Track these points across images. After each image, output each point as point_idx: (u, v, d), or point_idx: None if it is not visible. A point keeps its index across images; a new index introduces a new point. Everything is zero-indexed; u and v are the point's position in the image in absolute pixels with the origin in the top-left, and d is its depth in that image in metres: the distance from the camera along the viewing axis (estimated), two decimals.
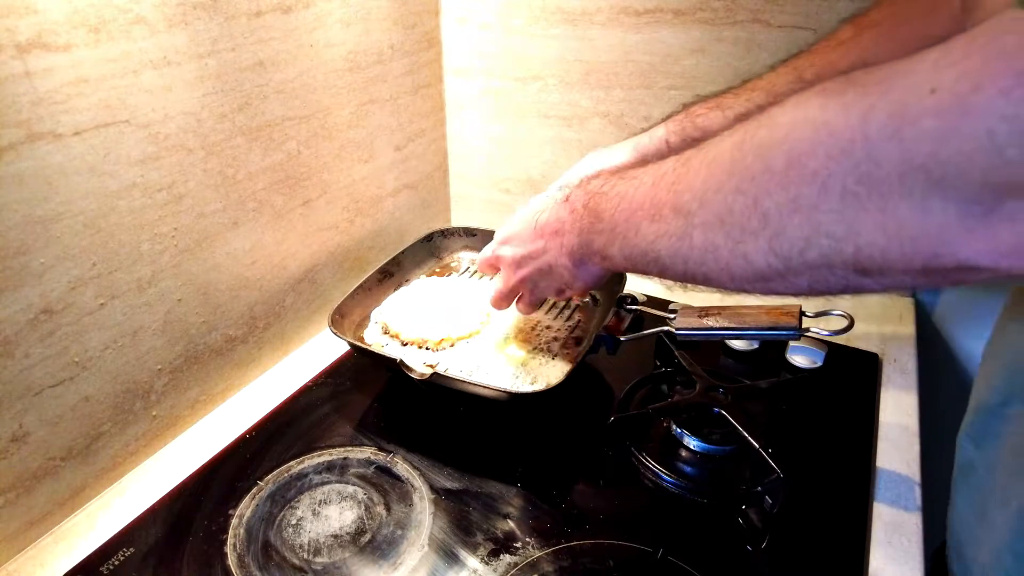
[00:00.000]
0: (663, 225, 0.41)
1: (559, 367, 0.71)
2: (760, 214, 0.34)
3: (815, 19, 0.77)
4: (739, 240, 0.36)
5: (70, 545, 0.59)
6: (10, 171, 0.51)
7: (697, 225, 0.39)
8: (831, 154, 0.31)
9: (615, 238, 0.47)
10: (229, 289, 0.73)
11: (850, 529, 0.58)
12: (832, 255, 0.32)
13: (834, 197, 0.31)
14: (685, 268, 0.41)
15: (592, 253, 0.52)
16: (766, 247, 0.35)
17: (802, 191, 0.32)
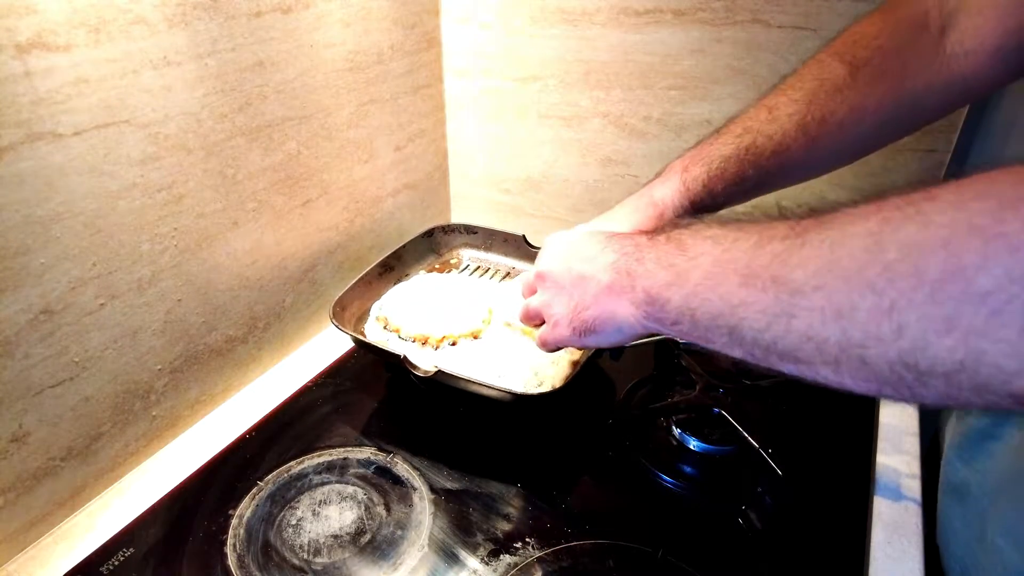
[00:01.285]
0: (757, 295, 0.35)
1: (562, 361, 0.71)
2: (895, 323, 0.29)
3: (815, 19, 0.77)
4: (860, 343, 0.30)
5: (70, 545, 0.59)
6: (10, 171, 0.51)
7: (804, 309, 0.33)
8: (1014, 277, 0.25)
9: (682, 284, 0.40)
10: (229, 289, 0.73)
11: (850, 529, 0.58)
12: (992, 384, 0.27)
13: (1012, 328, 0.25)
14: (771, 348, 0.35)
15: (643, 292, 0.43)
16: (895, 357, 0.29)
17: (963, 311, 0.26)
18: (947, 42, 0.52)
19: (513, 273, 0.90)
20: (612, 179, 0.97)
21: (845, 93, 0.55)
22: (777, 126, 0.58)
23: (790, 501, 0.59)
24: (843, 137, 0.57)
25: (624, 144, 0.94)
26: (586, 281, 0.48)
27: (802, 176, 0.63)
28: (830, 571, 0.55)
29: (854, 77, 0.55)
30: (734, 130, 0.60)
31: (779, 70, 0.81)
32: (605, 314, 0.47)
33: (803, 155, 0.58)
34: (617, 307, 0.46)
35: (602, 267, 0.47)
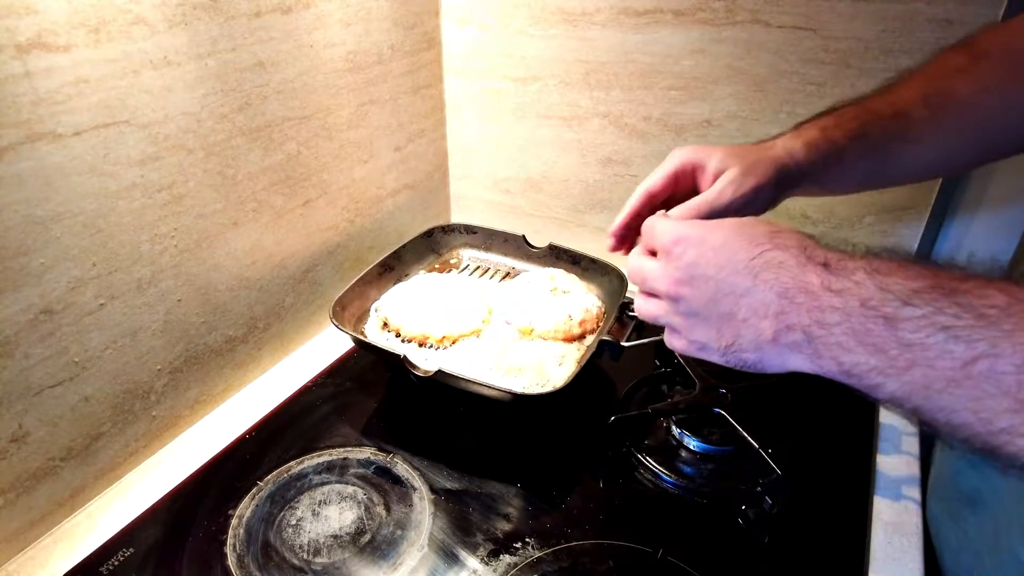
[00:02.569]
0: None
1: (568, 361, 0.71)
2: None
3: (815, 19, 0.77)
4: None
5: (70, 545, 0.59)
6: (10, 171, 0.51)
7: None
8: None
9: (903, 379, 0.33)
10: (229, 289, 0.73)
11: (850, 529, 0.58)
12: None
13: None
14: None
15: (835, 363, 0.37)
16: None
17: None
18: None
19: (513, 273, 0.90)
20: (612, 179, 0.97)
21: (967, 73, 0.52)
22: (895, 96, 0.55)
23: (790, 501, 0.59)
24: (968, 118, 0.53)
25: (624, 144, 0.94)
26: (739, 324, 0.41)
27: (928, 161, 0.57)
28: (830, 571, 0.55)
29: (974, 62, 0.53)
30: (847, 104, 0.56)
31: (779, 70, 0.81)
32: (771, 362, 0.41)
33: (928, 126, 0.53)
34: (789, 360, 0.40)
35: (760, 312, 0.39)
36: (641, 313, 0.48)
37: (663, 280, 0.44)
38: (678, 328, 0.45)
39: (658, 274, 0.44)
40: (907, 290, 0.33)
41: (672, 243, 0.43)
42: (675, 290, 0.43)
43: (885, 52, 0.76)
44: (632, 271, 0.48)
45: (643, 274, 0.46)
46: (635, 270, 0.47)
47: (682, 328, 0.45)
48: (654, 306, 0.46)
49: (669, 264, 0.43)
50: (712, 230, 0.43)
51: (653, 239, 0.45)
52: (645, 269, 0.46)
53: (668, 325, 0.46)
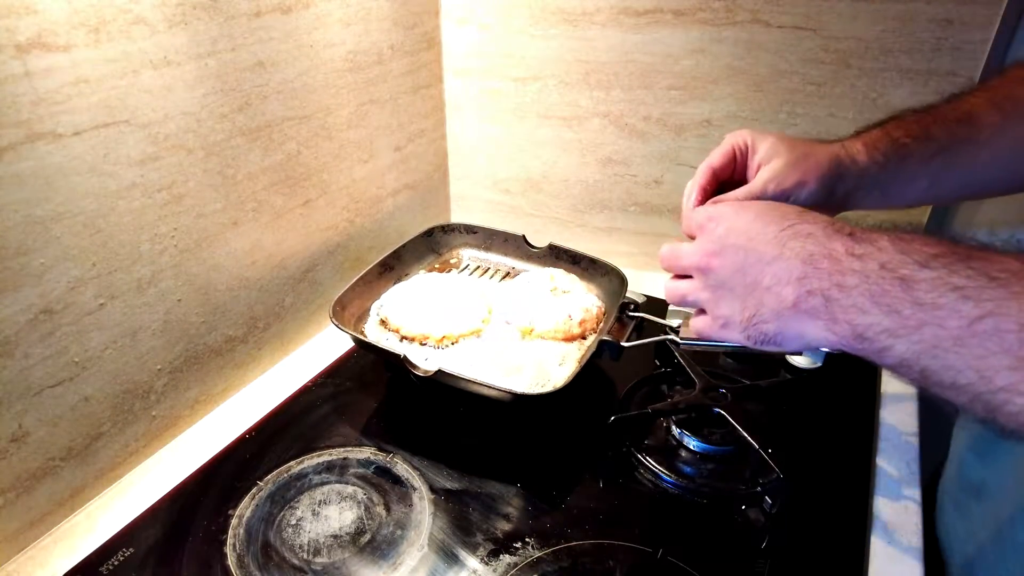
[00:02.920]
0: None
1: (569, 361, 0.71)
2: None
3: (815, 19, 0.77)
4: None
5: (70, 545, 0.59)
6: (10, 171, 0.51)
7: None
8: None
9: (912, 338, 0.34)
10: (229, 289, 0.73)
11: (850, 529, 0.58)
12: None
13: None
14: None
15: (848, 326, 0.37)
16: None
17: None
18: None
19: (513, 273, 0.90)
20: (612, 179, 0.97)
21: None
22: (964, 101, 0.53)
23: (790, 501, 0.59)
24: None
25: (624, 144, 0.94)
26: (763, 293, 0.41)
27: (993, 164, 0.54)
28: (830, 571, 0.55)
29: None
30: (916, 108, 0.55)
31: (779, 70, 0.81)
32: (790, 332, 0.41)
33: (997, 132, 0.51)
34: (806, 328, 0.40)
35: (783, 279, 0.40)
36: (670, 294, 0.49)
37: (695, 254, 0.45)
38: (704, 303, 0.46)
39: (691, 250, 0.46)
40: (926, 255, 0.34)
41: (706, 219, 0.45)
42: (705, 261, 0.44)
43: (885, 52, 0.76)
44: (666, 255, 0.49)
45: (676, 254, 0.47)
46: (669, 253, 0.48)
47: (708, 302, 0.45)
48: (684, 285, 0.47)
49: (702, 239, 0.45)
50: (744, 207, 0.45)
51: (690, 222, 0.48)
52: (679, 249, 0.47)
53: (695, 303, 0.47)
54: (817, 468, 0.64)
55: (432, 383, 0.65)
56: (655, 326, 0.73)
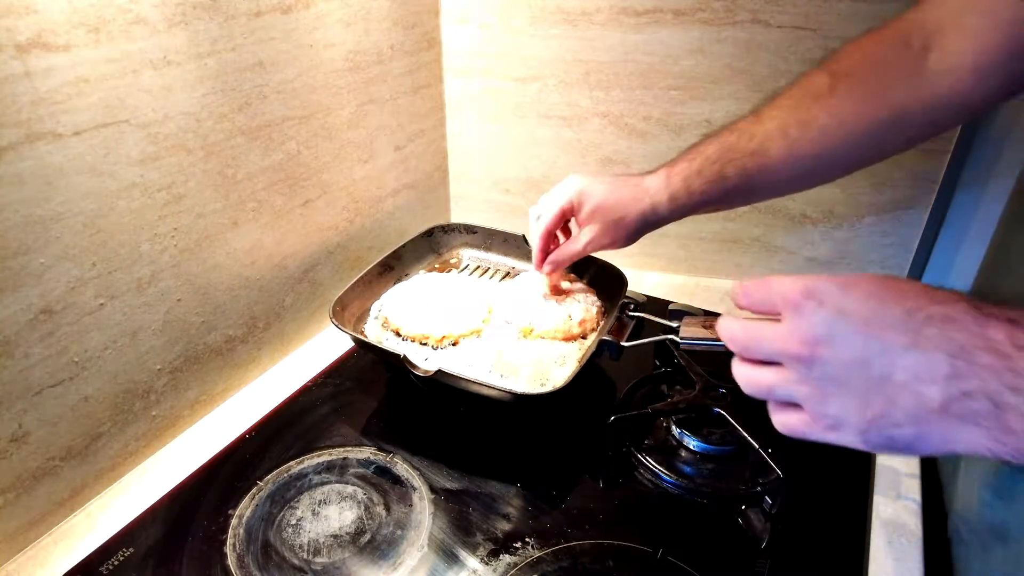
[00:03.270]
0: None
1: (570, 361, 0.71)
2: None
3: (815, 19, 0.77)
4: None
5: (70, 545, 0.59)
6: (10, 171, 0.51)
7: None
8: None
9: None
10: (229, 289, 0.73)
11: (850, 529, 0.58)
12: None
13: None
14: None
15: None
16: None
17: None
18: (929, 59, 0.52)
19: (513, 273, 0.90)
20: None
21: (826, 100, 0.55)
22: (759, 127, 0.58)
23: (790, 501, 0.59)
24: (826, 143, 0.56)
25: (624, 144, 0.94)
26: (895, 390, 0.34)
27: (786, 186, 0.63)
28: (830, 571, 0.55)
29: (834, 85, 0.55)
30: (723, 132, 0.61)
31: (779, 70, 0.81)
32: (933, 438, 0.33)
33: (784, 160, 0.58)
34: (958, 435, 0.33)
35: (924, 376, 0.33)
36: (749, 384, 0.39)
37: (790, 339, 0.36)
38: (804, 399, 0.36)
39: (781, 334, 0.36)
40: None
41: (801, 296, 0.36)
42: (808, 351, 0.35)
43: None
44: (738, 336, 0.39)
45: (757, 337, 0.38)
46: (744, 335, 0.39)
47: (810, 399, 0.36)
48: (769, 375, 0.38)
49: (798, 320, 0.36)
50: (852, 283, 0.36)
51: (770, 296, 0.38)
52: (760, 332, 0.38)
53: (787, 398, 0.37)
54: (817, 468, 0.64)
55: (432, 383, 0.65)
56: (655, 326, 0.72)
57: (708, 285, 0.98)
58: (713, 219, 0.91)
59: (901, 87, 0.53)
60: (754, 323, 0.39)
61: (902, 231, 0.86)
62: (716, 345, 0.66)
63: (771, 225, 0.92)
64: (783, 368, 0.37)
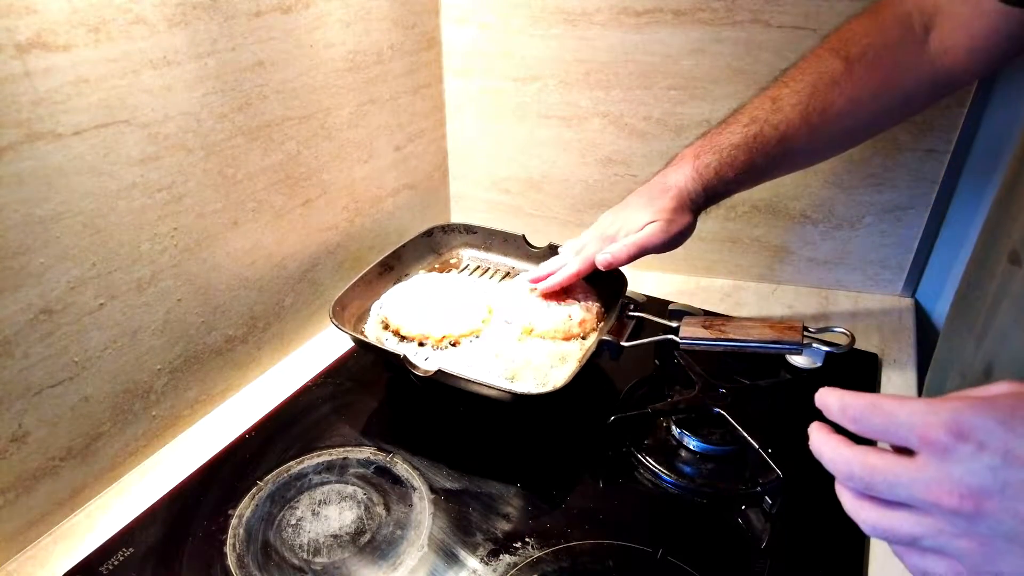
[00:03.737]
0: None
1: (571, 360, 0.71)
2: None
3: (815, 19, 0.77)
4: None
5: (70, 545, 0.59)
6: (10, 171, 0.51)
7: None
8: None
9: None
10: (229, 289, 0.73)
11: (850, 529, 0.58)
12: None
13: None
14: None
15: None
16: None
17: None
18: (930, 40, 0.57)
19: (513, 273, 0.90)
20: (612, 179, 0.97)
21: (843, 85, 0.60)
22: (782, 116, 0.62)
23: (790, 501, 0.59)
24: (842, 125, 0.62)
25: (624, 144, 0.94)
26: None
27: (804, 162, 0.70)
28: (830, 571, 0.55)
29: (850, 71, 0.59)
30: (741, 119, 0.64)
31: (779, 70, 0.81)
32: None
33: (806, 143, 0.62)
34: None
35: None
36: (880, 531, 0.33)
37: (940, 490, 0.30)
38: (963, 555, 0.30)
39: (927, 481, 0.30)
40: None
41: (950, 436, 0.29)
42: (971, 506, 0.29)
43: None
44: (854, 469, 0.34)
45: (881, 476, 0.32)
46: (862, 469, 0.33)
47: (972, 555, 0.30)
48: (910, 524, 0.31)
49: (950, 467, 0.30)
50: (1013, 412, 0.29)
51: (894, 428, 0.32)
52: (887, 470, 0.31)
53: (937, 549, 0.31)
54: (817, 468, 0.63)
55: (432, 383, 0.65)
56: (655, 326, 0.73)
57: (708, 285, 0.98)
58: (713, 219, 0.91)
59: (910, 69, 0.59)
60: (877, 456, 0.32)
61: (902, 231, 0.86)
62: (716, 345, 0.66)
63: (771, 225, 0.92)
64: (929, 517, 0.31)
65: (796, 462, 0.60)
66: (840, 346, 0.63)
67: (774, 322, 0.64)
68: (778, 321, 0.64)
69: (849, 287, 0.93)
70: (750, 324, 0.65)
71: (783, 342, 0.63)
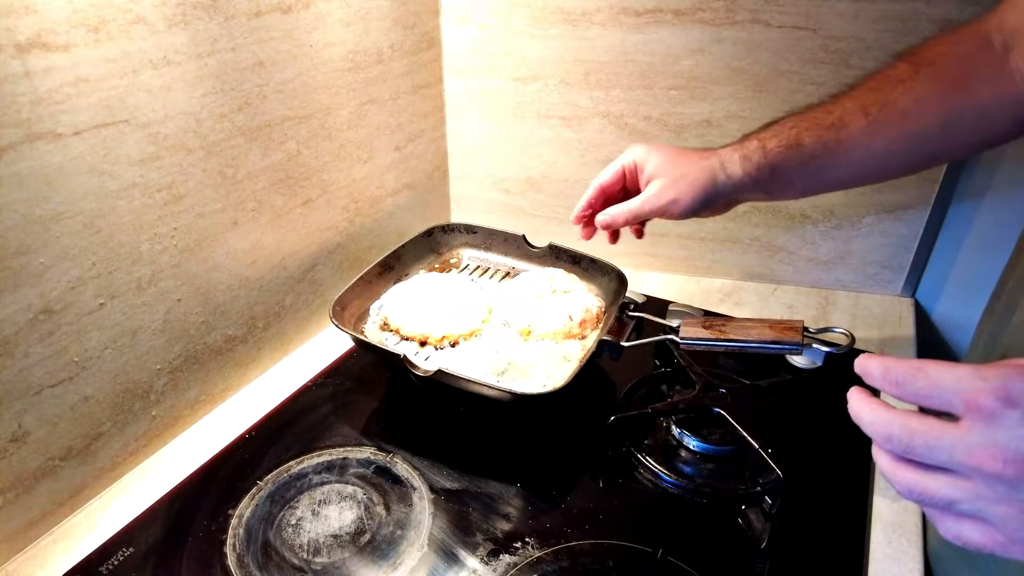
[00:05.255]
0: None
1: (573, 360, 0.71)
2: None
3: (815, 19, 0.77)
4: None
5: (70, 545, 0.59)
6: (10, 171, 0.51)
7: None
8: None
9: None
10: (229, 289, 0.73)
11: (850, 529, 0.58)
12: None
13: None
14: None
15: None
16: None
17: None
18: (1011, 59, 0.52)
19: (513, 273, 0.90)
20: None
21: (907, 84, 0.55)
22: (837, 106, 0.58)
23: (790, 501, 0.59)
24: (906, 128, 0.56)
25: (624, 144, 0.93)
26: None
27: (861, 167, 0.59)
28: (830, 571, 0.55)
29: (916, 71, 0.55)
30: (798, 112, 0.60)
31: (779, 70, 0.81)
32: None
33: (862, 137, 0.57)
34: None
35: None
36: (915, 493, 0.33)
37: (984, 454, 0.30)
38: (1000, 520, 0.31)
39: (969, 445, 0.30)
40: None
41: (997, 401, 0.29)
42: (1014, 471, 0.29)
43: (885, 52, 0.76)
44: (893, 431, 0.33)
45: (923, 438, 0.32)
46: (902, 431, 0.33)
47: (1009, 521, 0.30)
48: (948, 488, 0.31)
49: (995, 431, 0.30)
50: None
51: (938, 392, 0.32)
52: (929, 433, 0.32)
53: (974, 513, 0.31)
54: (817, 468, 0.64)
55: (432, 383, 0.65)
56: (655, 326, 0.73)
57: (708, 285, 0.98)
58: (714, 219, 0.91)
59: (985, 81, 0.53)
60: (918, 419, 0.32)
61: (902, 231, 0.86)
62: (716, 345, 0.66)
63: (771, 225, 0.92)
64: (968, 481, 0.31)
65: (796, 462, 0.60)
66: (840, 346, 0.63)
67: (774, 322, 0.64)
68: (778, 321, 0.64)
69: (849, 287, 0.93)
70: (750, 324, 0.65)
71: (783, 342, 0.63)
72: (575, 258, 0.87)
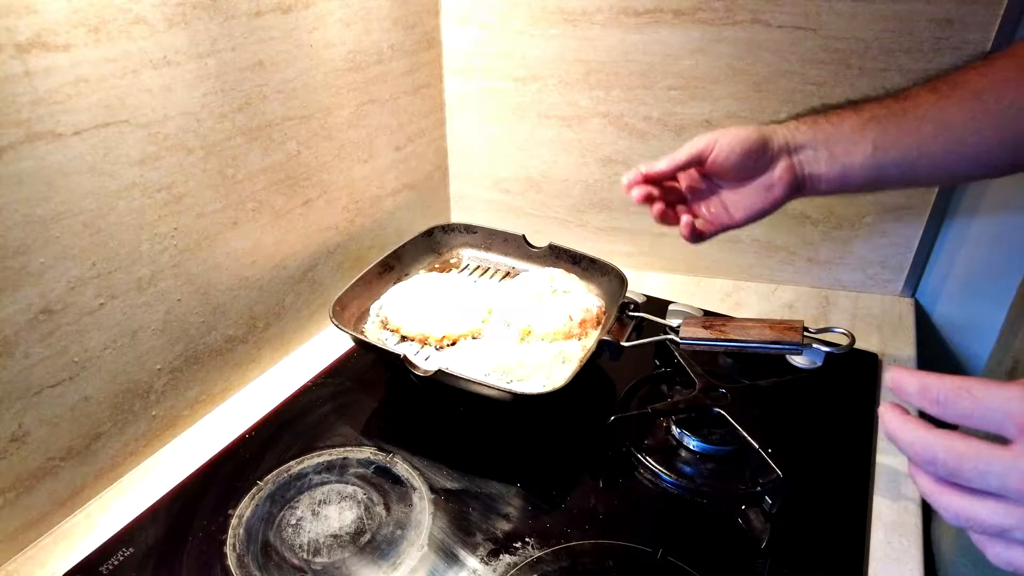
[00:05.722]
0: None
1: (573, 360, 0.71)
2: None
3: (815, 19, 0.77)
4: None
5: (70, 545, 0.59)
6: (10, 171, 0.51)
7: None
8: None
9: None
10: (229, 289, 0.73)
11: (850, 529, 0.58)
12: None
13: None
14: None
15: None
16: None
17: None
18: None
19: (513, 273, 0.90)
20: (612, 179, 0.97)
21: (982, 67, 0.51)
22: (904, 91, 0.55)
23: (790, 501, 0.59)
24: (978, 110, 0.51)
25: (624, 144, 0.94)
26: None
27: (932, 142, 0.53)
28: (830, 571, 0.55)
29: (992, 59, 0.52)
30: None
31: (779, 70, 0.81)
32: None
33: (933, 109, 0.52)
34: None
35: None
36: (964, 520, 0.30)
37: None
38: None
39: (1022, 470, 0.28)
40: None
41: None
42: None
43: (885, 52, 0.76)
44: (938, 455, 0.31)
45: (971, 463, 0.29)
46: (947, 455, 0.30)
47: None
48: (1000, 516, 0.29)
49: None
50: None
51: (982, 411, 0.29)
52: (977, 457, 0.29)
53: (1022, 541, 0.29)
54: (817, 468, 0.64)
55: (432, 383, 0.65)
56: (655, 326, 0.73)
57: (708, 285, 0.98)
58: None
59: None
60: (963, 442, 0.30)
61: (902, 231, 0.86)
62: (716, 345, 0.66)
63: (771, 225, 0.92)
64: (1021, 508, 0.28)
65: (796, 462, 0.60)
66: (840, 346, 0.63)
67: (774, 322, 0.64)
68: (778, 321, 0.65)
69: (849, 287, 0.93)
70: (750, 324, 0.65)
71: (783, 342, 0.63)
72: (575, 258, 0.87)
